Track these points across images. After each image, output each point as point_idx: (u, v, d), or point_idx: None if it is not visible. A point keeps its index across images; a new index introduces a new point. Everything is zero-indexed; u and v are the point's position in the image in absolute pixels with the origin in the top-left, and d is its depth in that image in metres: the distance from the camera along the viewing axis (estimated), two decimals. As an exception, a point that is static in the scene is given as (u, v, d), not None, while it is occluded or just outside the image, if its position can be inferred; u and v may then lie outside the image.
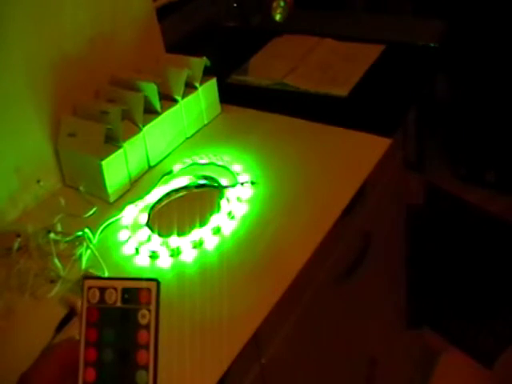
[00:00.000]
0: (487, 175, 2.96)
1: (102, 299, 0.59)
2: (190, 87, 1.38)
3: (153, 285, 0.59)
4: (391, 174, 1.54)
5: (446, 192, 2.95)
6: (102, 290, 0.59)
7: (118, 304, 0.58)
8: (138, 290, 0.58)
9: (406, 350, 2.02)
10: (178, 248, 1.07)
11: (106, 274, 1.04)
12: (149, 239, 1.11)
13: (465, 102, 2.91)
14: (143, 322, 0.58)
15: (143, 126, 1.27)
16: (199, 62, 1.37)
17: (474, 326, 2.35)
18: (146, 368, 0.57)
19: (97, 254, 1.08)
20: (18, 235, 1.12)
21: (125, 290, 0.58)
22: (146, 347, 0.58)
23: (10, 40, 1.17)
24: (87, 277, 0.61)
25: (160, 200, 1.21)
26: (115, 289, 0.59)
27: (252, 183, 1.20)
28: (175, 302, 0.98)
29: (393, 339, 1.86)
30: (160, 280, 1.03)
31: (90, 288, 0.59)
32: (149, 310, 0.58)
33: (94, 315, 0.58)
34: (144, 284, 0.59)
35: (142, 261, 1.07)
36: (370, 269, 1.44)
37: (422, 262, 1.99)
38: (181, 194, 1.23)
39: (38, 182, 1.25)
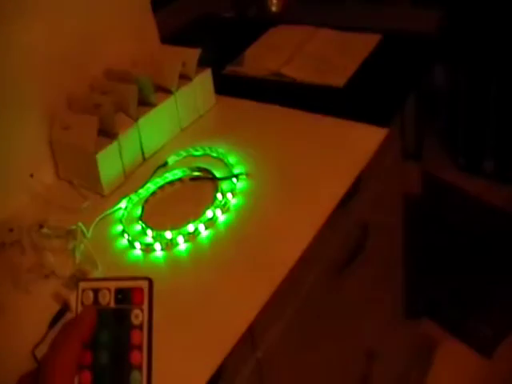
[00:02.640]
0: (486, 165, 2.96)
1: (95, 300, 0.58)
2: (184, 78, 1.37)
3: (145, 284, 0.58)
4: (389, 164, 1.54)
5: (445, 182, 2.94)
6: (96, 291, 0.58)
7: (112, 305, 0.58)
8: (130, 289, 0.58)
9: (404, 340, 2.02)
10: (172, 241, 1.06)
11: (100, 268, 1.03)
12: (143, 232, 1.10)
13: (463, 91, 2.90)
14: (136, 322, 0.57)
15: (138, 118, 1.26)
16: (194, 53, 1.36)
17: (473, 316, 2.35)
18: (139, 368, 0.56)
19: (90, 247, 1.07)
20: (11, 230, 1.11)
21: (118, 291, 0.58)
22: (140, 347, 0.57)
23: (2, 34, 1.17)
24: (82, 279, 0.60)
25: (154, 192, 1.21)
26: (109, 289, 0.58)
27: (247, 175, 1.19)
28: (169, 295, 0.97)
29: (391, 330, 1.85)
30: (154, 273, 1.03)
31: (84, 290, 0.59)
32: (142, 310, 0.57)
33: None
34: (136, 283, 0.58)
35: (136, 254, 1.07)
36: (368, 260, 1.44)
37: (420, 252, 1.98)
38: (175, 186, 1.23)
39: (32, 175, 1.24)
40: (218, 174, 1.20)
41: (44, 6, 1.24)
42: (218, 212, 1.10)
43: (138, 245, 1.07)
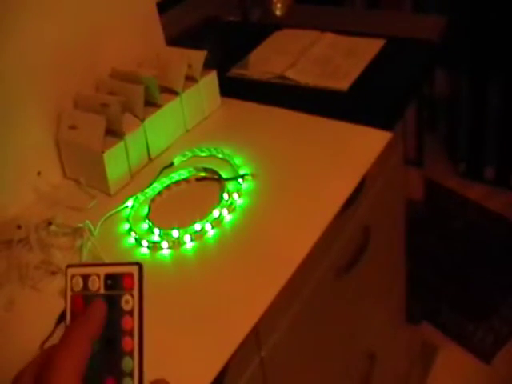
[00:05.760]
0: (487, 171, 2.97)
1: (85, 287, 0.58)
2: (190, 80, 1.38)
3: (135, 269, 0.57)
4: (391, 168, 1.54)
5: (446, 188, 2.95)
6: (85, 277, 0.58)
7: (102, 291, 0.57)
8: (120, 275, 0.57)
9: (405, 344, 2.02)
10: (178, 240, 1.07)
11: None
12: (150, 231, 1.11)
13: (464, 97, 2.91)
14: (127, 307, 0.57)
15: (144, 118, 1.27)
16: (199, 55, 1.37)
17: (474, 321, 2.36)
18: (131, 355, 0.56)
19: (97, 245, 1.08)
20: (19, 227, 1.12)
21: (107, 276, 0.57)
22: (131, 333, 0.57)
23: (9, 34, 1.17)
24: (70, 265, 0.59)
25: (160, 192, 1.21)
26: (98, 275, 0.58)
27: (252, 176, 1.20)
28: (175, 293, 0.98)
29: (392, 334, 1.86)
30: (161, 271, 1.04)
31: (73, 276, 0.58)
32: (132, 296, 0.57)
33: (78, 304, 0.58)
34: (126, 269, 0.57)
35: (143, 252, 1.07)
36: (370, 263, 1.44)
37: (421, 258, 1.99)
38: (181, 186, 1.23)
39: (39, 174, 1.24)
40: (223, 175, 1.21)
41: (51, 6, 1.24)
42: (225, 212, 1.11)
43: (144, 243, 1.08)
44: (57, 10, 1.26)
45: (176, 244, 1.07)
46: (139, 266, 0.57)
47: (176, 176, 1.24)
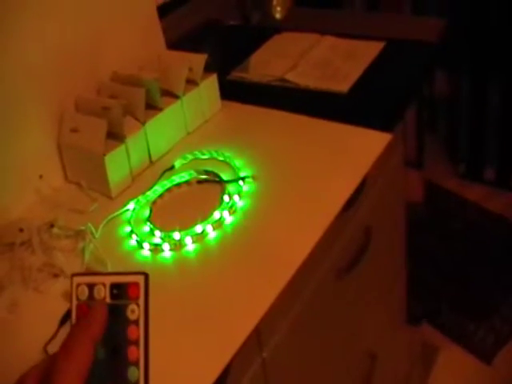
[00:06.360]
0: (487, 172, 2.97)
1: (91, 296, 0.58)
2: (191, 83, 1.39)
3: (141, 279, 0.57)
4: (392, 169, 1.55)
5: (446, 189, 2.95)
6: (91, 286, 0.58)
7: (107, 300, 0.58)
8: (126, 284, 0.57)
9: (405, 345, 2.02)
10: (179, 242, 1.08)
11: (109, 268, 1.04)
12: (151, 233, 1.11)
13: (465, 98, 2.91)
14: (132, 317, 0.57)
15: (145, 121, 1.28)
16: (200, 59, 1.38)
17: (474, 322, 2.36)
18: (136, 364, 0.56)
19: (99, 248, 1.09)
20: (21, 230, 1.12)
21: (113, 286, 0.58)
22: (137, 343, 0.57)
23: (11, 36, 1.18)
24: (75, 274, 0.60)
25: (162, 195, 1.22)
26: (104, 284, 0.58)
27: (253, 178, 1.21)
28: (177, 295, 0.99)
29: (392, 334, 1.86)
30: (162, 273, 1.04)
31: (78, 285, 0.59)
32: (138, 305, 0.57)
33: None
34: (132, 278, 0.58)
35: (145, 254, 1.08)
36: (371, 264, 1.45)
37: (421, 258, 1.99)
38: (182, 188, 1.24)
39: (41, 177, 1.25)
40: (224, 177, 1.22)
41: (52, 8, 1.25)
42: (225, 214, 1.12)
43: (146, 245, 1.09)
44: (58, 12, 1.26)
45: (177, 246, 1.08)
46: (145, 275, 0.57)
47: (177, 178, 1.25)
